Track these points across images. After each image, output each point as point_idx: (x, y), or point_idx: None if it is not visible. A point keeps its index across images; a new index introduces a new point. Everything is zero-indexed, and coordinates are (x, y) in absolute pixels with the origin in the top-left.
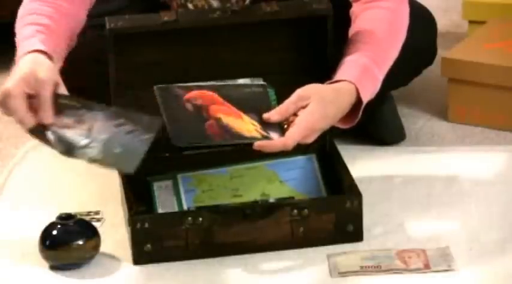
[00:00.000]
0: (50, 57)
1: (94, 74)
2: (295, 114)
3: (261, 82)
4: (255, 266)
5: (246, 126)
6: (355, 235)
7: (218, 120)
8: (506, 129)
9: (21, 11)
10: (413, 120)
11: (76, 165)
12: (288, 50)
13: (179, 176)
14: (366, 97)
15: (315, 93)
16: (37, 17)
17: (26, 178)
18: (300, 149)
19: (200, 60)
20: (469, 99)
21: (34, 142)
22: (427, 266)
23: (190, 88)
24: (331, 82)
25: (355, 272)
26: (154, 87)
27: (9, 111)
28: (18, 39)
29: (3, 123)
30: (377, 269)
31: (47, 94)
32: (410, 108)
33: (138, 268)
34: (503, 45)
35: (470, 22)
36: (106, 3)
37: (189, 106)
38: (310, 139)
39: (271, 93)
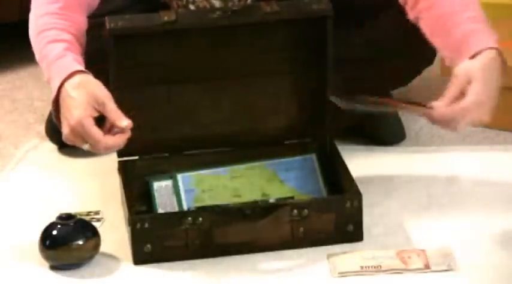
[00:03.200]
0: (88, 74)
1: (94, 74)
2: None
3: None
4: (255, 266)
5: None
6: (355, 235)
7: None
8: (506, 129)
9: (35, 26)
10: (413, 120)
11: (76, 165)
12: (288, 50)
13: (179, 176)
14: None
15: (474, 71)
16: (58, 33)
17: (26, 178)
18: (300, 149)
19: (200, 60)
20: None
21: (34, 142)
22: (427, 266)
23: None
24: (473, 56)
25: (355, 272)
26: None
27: (83, 140)
28: (45, 57)
29: (3, 123)
30: (377, 269)
31: (113, 106)
32: None
33: (138, 268)
34: (503, 45)
35: None
36: (106, 3)
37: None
38: (483, 115)
39: None
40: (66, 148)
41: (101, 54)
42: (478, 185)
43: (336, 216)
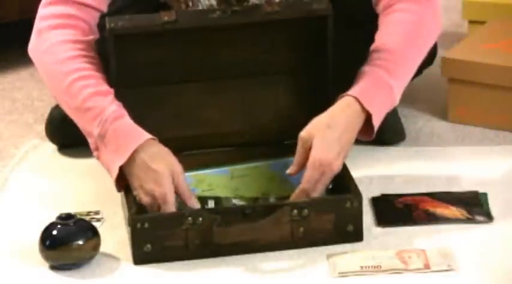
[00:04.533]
0: (156, 140)
1: None
2: None
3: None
4: (255, 266)
5: (452, 212)
6: (355, 235)
7: (426, 210)
8: (506, 129)
9: (64, 70)
10: (413, 120)
11: (76, 165)
12: (288, 50)
13: None
14: (377, 107)
15: (315, 128)
16: (99, 82)
17: (26, 178)
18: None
19: (200, 60)
20: (469, 99)
21: (34, 142)
22: (427, 266)
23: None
24: (338, 99)
25: (355, 272)
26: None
27: (159, 207)
28: (96, 109)
29: (3, 123)
30: (377, 269)
31: (186, 184)
32: (410, 108)
33: (138, 268)
34: (503, 45)
35: (470, 22)
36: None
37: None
38: (334, 168)
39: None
40: (66, 148)
41: (100, 54)
42: (478, 185)
43: (336, 216)
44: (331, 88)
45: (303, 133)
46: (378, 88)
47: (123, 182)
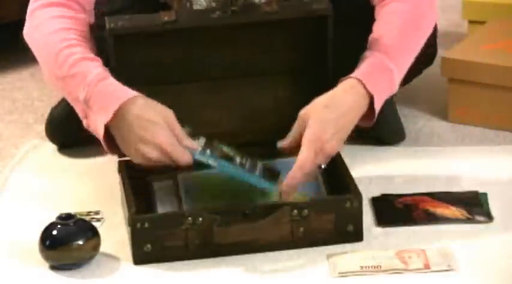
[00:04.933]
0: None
1: None
2: None
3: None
4: (255, 266)
5: (452, 212)
6: (355, 235)
7: (426, 210)
8: (506, 129)
9: (52, 41)
10: (413, 120)
11: (76, 165)
12: (288, 50)
13: (179, 176)
14: (379, 91)
15: (314, 107)
16: (87, 51)
17: (26, 178)
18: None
19: (200, 60)
20: (469, 99)
21: (34, 142)
22: (427, 266)
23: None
24: (341, 81)
25: (355, 272)
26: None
27: (168, 158)
28: (83, 74)
29: (3, 123)
30: (377, 269)
31: (180, 127)
32: (410, 108)
33: (138, 268)
34: (503, 45)
35: (470, 22)
36: (107, 3)
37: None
38: (328, 148)
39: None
40: (66, 149)
41: (100, 54)
42: (478, 185)
43: (336, 216)
44: (331, 88)
45: (302, 112)
46: (380, 72)
47: (115, 148)
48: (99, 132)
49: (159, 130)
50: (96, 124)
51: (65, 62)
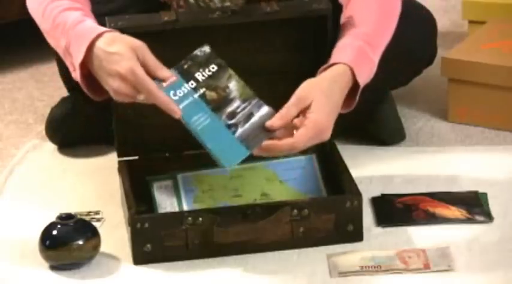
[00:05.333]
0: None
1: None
2: (298, 117)
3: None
4: (255, 266)
5: (452, 212)
6: (355, 235)
7: (426, 210)
8: (506, 129)
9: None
10: (413, 120)
11: (76, 165)
12: (288, 50)
13: (179, 176)
14: (362, 79)
15: (314, 90)
16: (71, 3)
17: (26, 178)
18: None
19: None
20: (469, 99)
21: (34, 142)
22: (427, 266)
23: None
24: (326, 68)
25: (355, 272)
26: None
27: (136, 90)
28: (61, 24)
29: (3, 123)
30: (377, 269)
31: (152, 56)
32: (410, 108)
33: (138, 268)
34: (503, 45)
35: (470, 22)
36: (106, 3)
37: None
38: (325, 136)
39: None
40: (66, 148)
41: None
42: (478, 185)
43: (336, 216)
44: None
45: (302, 93)
46: (365, 62)
47: (103, 92)
48: (77, 75)
49: (122, 61)
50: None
51: (50, 15)
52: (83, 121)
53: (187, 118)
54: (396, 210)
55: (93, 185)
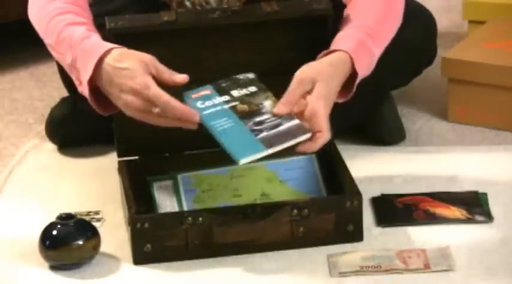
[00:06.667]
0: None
1: None
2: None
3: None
4: (255, 266)
5: (452, 212)
6: (355, 235)
7: (426, 210)
8: (506, 129)
9: (46, 12)
10: (413, 120)
11: (76, 165)
12: (288, 50)
13: (179, 176)
14: (362, 70)
15: (317, 74)
16: (75, 17)
17: (26, 178)
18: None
19: (200, 60)
20: (469, 99)
21: (34, 142)
22: (427, 266)
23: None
24: (327, 53)
25: (355, 272)
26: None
27: (151, 104)
28: (66, 39)
29: (3, 123)
30: (377, 269)
31: (163, 66)
32: (410, 108)
33: (138, 268)
34: (503, 45)
35: (470, 22)
36: (106, 3)
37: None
38: (320, 122)
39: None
40: (66, 148)
41: None
42: (478, 185)
43: (336, 216)
44: None
45: (303, 76)
46: (365, 54)
47: (111, 107)
48: (85, 92)
49: (135, 76)
50: (84, 85)
51: (54, 29)
52: (83, 121)
53: (208, 120)
54: (396, 210)
55: (93, 185)
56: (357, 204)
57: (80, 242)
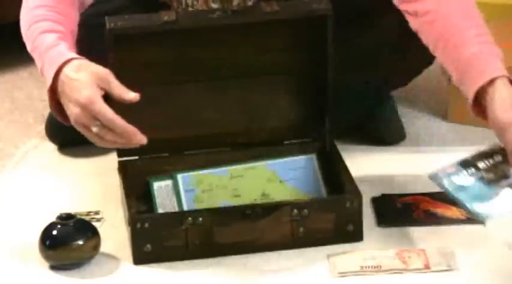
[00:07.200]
0: (84, 59)
1: None
2: None
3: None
4: (255, 266)
5: (452, 212)
6: (355, 235)
7: (426, 210)
8: None
9: (27, 18)
10: (413, 120)
11: (76, 165)
12: (288, 50)
13: (179, 176)
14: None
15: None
16: (51, 24)
17: (26, 178)
18: (300, 149)
19: (200, 60)
20: None
21: (34, 142)
22: (427, 266)
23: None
24: (486, 84)
25: (355, 272)
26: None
27: (95, 120)
28: (38, 47)
29: (3, 123)
30: (377, 269)
31: (117, 82)
32: (410, 108)
33: (138, 268)
34: (503, 45)
35: None
36: (106, 3)
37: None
38: None
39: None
40: (66, 148)
41: (100, 52)
42: None
43: (336, 216)
44: (331, 89)
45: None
46: (501, 63)
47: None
48: (49, 101)
49: (83, 89)
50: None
51: (30, 37)
52: None
53: (454, 191)
54: (396, 210)
55: (93, 185)
56: (357, 204)
57: (80, 242)
